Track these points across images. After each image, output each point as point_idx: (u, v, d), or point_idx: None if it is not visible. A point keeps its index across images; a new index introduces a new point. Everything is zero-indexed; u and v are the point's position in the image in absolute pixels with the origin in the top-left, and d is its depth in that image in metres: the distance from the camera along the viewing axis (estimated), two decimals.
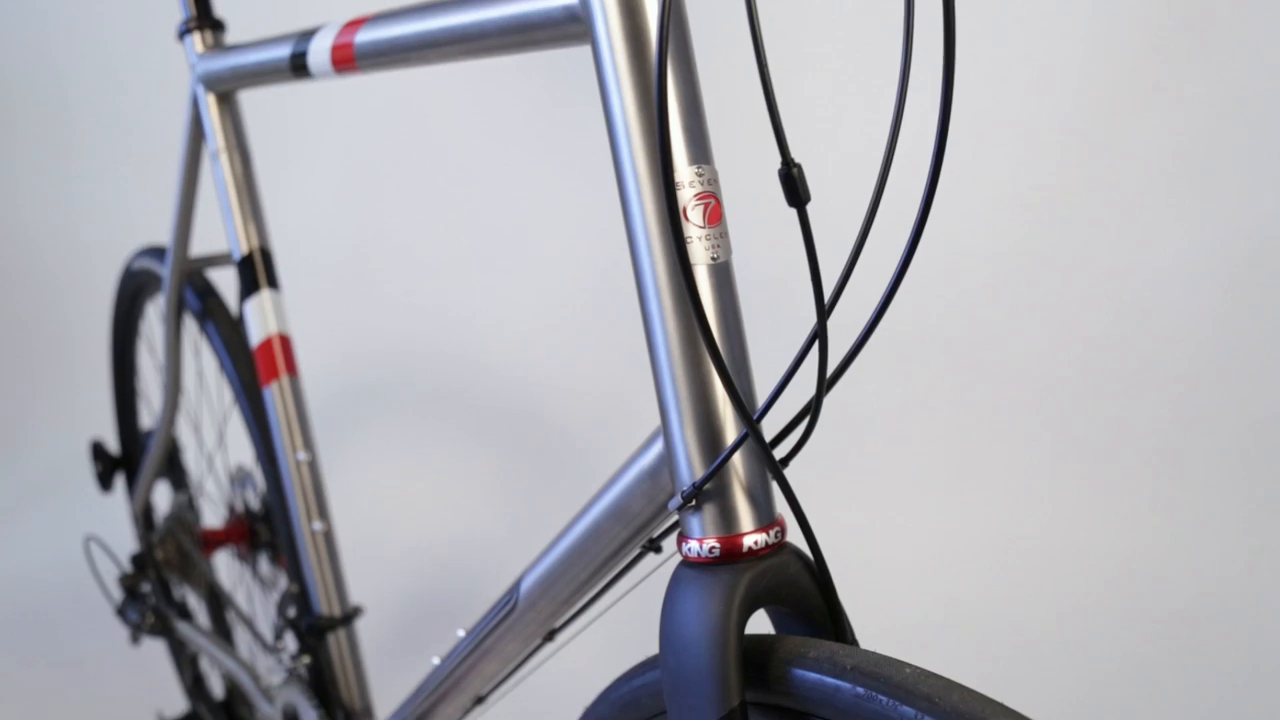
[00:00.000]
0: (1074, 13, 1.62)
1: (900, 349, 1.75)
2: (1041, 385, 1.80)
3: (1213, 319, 1.70)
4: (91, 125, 2.23)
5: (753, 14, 0.50)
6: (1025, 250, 1.75)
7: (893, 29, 0.55)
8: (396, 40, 0.79)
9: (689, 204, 0.57)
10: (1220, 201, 1.66)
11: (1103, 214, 1.70)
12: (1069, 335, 1.77)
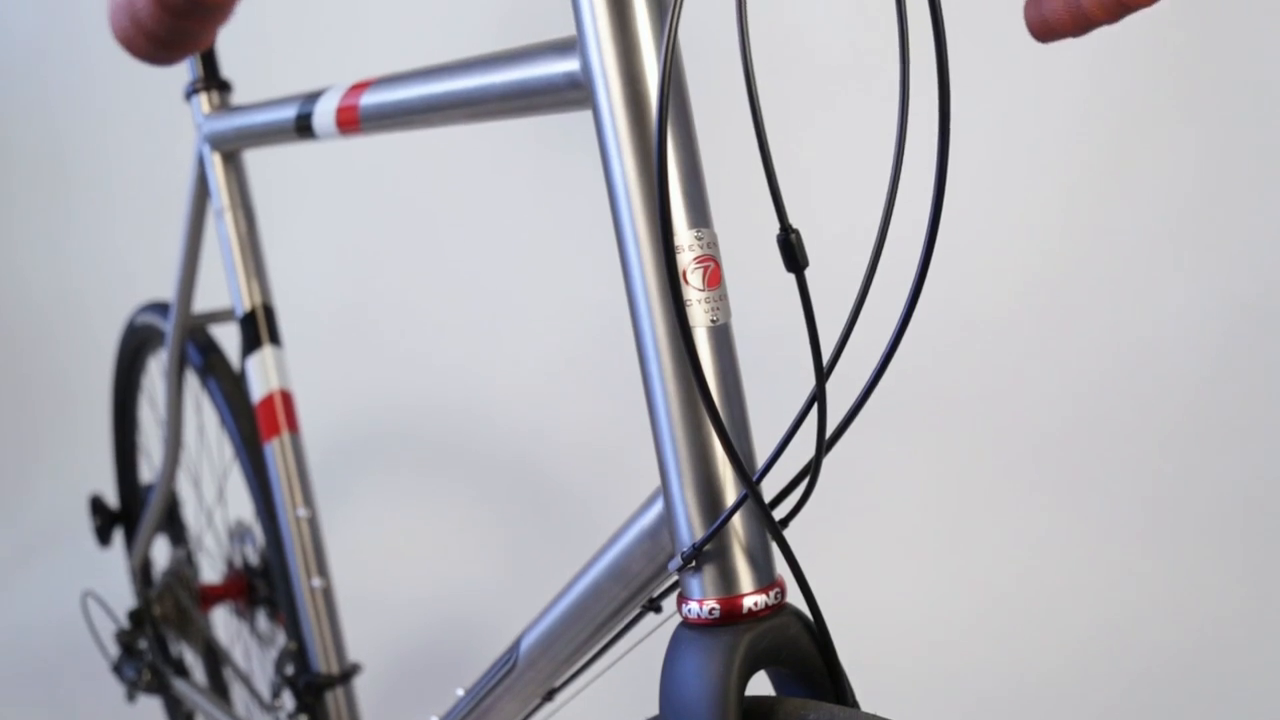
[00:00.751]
0: (1075, 69, 1.65)
1: (900, 403, 1.75)
2: (1040, 439, 1.80)
3: (1210, 371, 1.71)
4: (91, 181, 2.25)
5: (750, 81, 0.51)
6: (1023, 306, 1.76)
7: (891, 92, 0.56)
8: (401, 104, 0.80)
9: (689, 267, 0.58)
10: (1219, 254, 1.67)
11: (1100, 268, 1.72)
12: (1068, 390, 1.77)
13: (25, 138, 2.30)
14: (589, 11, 0.59)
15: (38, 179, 2.32)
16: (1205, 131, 1.64)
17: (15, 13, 2.25)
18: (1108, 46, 0.73)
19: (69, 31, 2.18)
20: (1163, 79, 1.63)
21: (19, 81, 2.27)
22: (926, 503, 1.87)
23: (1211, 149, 1.65)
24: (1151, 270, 1.69)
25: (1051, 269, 1.74)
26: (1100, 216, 1.70)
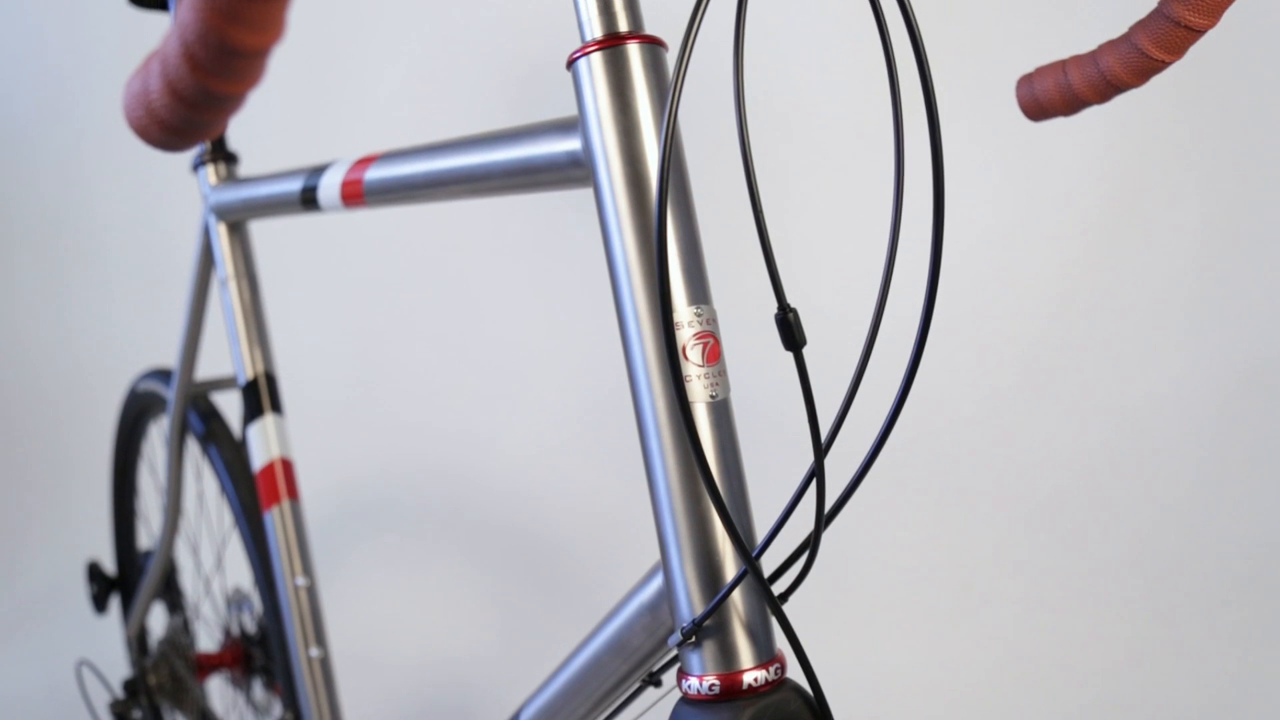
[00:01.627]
0: (1073, 139, 1.67)
1: (899, 474, 1.75)
2: (1039, 509, 1.80)
3: (1209, 441, 1.71)
4: (92, 247, 2.27)
5: (748, 162, 0.52)
6: (1022, 376, 1.77)
7: (887, 170, 0.57)
8: (405, 179, 0.82)
9: (688, 343, 0.59)
10: (1218, 324, 1.68)
11: (1099, 338, 1.72)
12: (1066, 460, 1.77)
13: (26, 202, 2.32)
14: (590, 92, 0.61)
15: (38, 244, 2.34)
16: (1205, 202, 1.66)
17: (15, 81, 2.28)
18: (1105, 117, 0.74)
19: (70, 98, 2.22)
20: (1163, 148, 1.65)
21: (20, 145, 2.30)
22: (926, 574, 1.86)
23: (1211, 219, 1.66)
24: (1150, 340, 1.70)
25: (1051, 338, 1.75)
26: (1099, 287, 1.71)
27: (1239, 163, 1.64)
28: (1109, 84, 0.69)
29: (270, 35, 0.35)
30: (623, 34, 0.61)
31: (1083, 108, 0.72)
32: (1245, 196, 1.65)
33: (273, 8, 0.34)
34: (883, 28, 0.54)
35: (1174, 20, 0.64)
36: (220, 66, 0.36)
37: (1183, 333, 1.70)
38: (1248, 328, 1.68)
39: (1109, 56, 0.68)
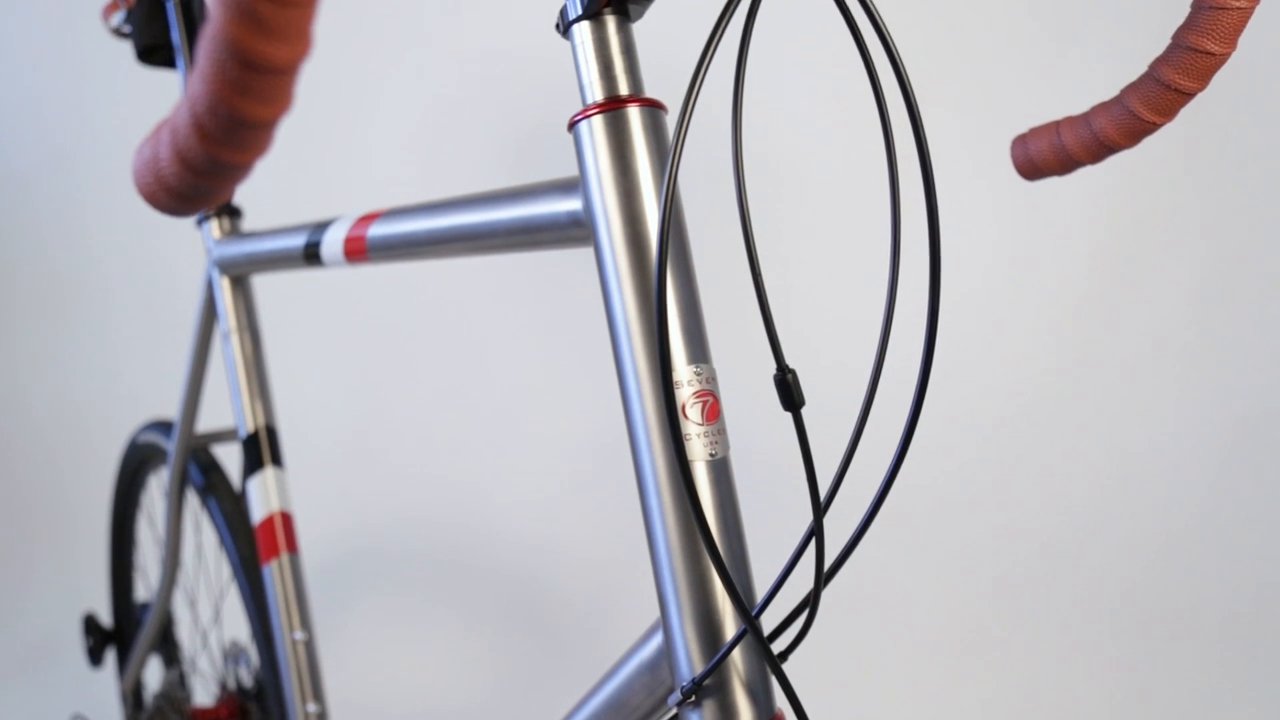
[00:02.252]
0: (1071, 190, 1.68)
1: (897, 528, 1.75)
2: (1038, 561, 1.79)
3: (1209, 492, 1.71)
4: (94, 299, 2.28)
5: (746, 224, 0.53)
6: (1021, 429, 1.77)
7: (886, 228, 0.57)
8: (407, 236, 0.82)
9: (688, 401, 0.59)
10: (1217, 376, 1.69)
11: (1099, 391, 1.73)
12: (1067, 512, 1.77)
13: (29, 252, 2.34)
14: (591, 154, 0.62)
15: (41, 295, 2.35)
16: (1204, 250, 1.67)
17: (19, 132, 2.31)
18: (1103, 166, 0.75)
19: (74, 149, 2.24)
20: (1161, 198, 1.67)
21: (24, 196, 2.32)
22: (927, 628, 1.85)
23: (1210, 269, 1.67)
24: (1150, 390, 1.71)
25: (1049, 389, 1.75)
26: (1097, 337, 1.72)
27: (1238, 213, 1.65)
28: (1102, 145, 0.70)
29: (279, 107, 0.36)
30: (623, 97, 0.62)
31: (1076, 168, 0.73)
32: (1244, 246, 1.66)
33: (281, 81, 0.35)
34: (877, 89, 0.55)
35: (1164, 84, 0.65)
36: (229, 137, 0.37)
37: (1182, 382, 1.70)
38: (1247, 377, 1.68)
39: (1101, 118, 0.69)
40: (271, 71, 0.34)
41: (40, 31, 2.25)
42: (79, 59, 2.20)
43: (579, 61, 0.63)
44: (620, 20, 0.63)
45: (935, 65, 1.63)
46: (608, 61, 0.62)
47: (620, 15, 0.63)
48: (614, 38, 0.63)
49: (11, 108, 2.30)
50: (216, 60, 0.34)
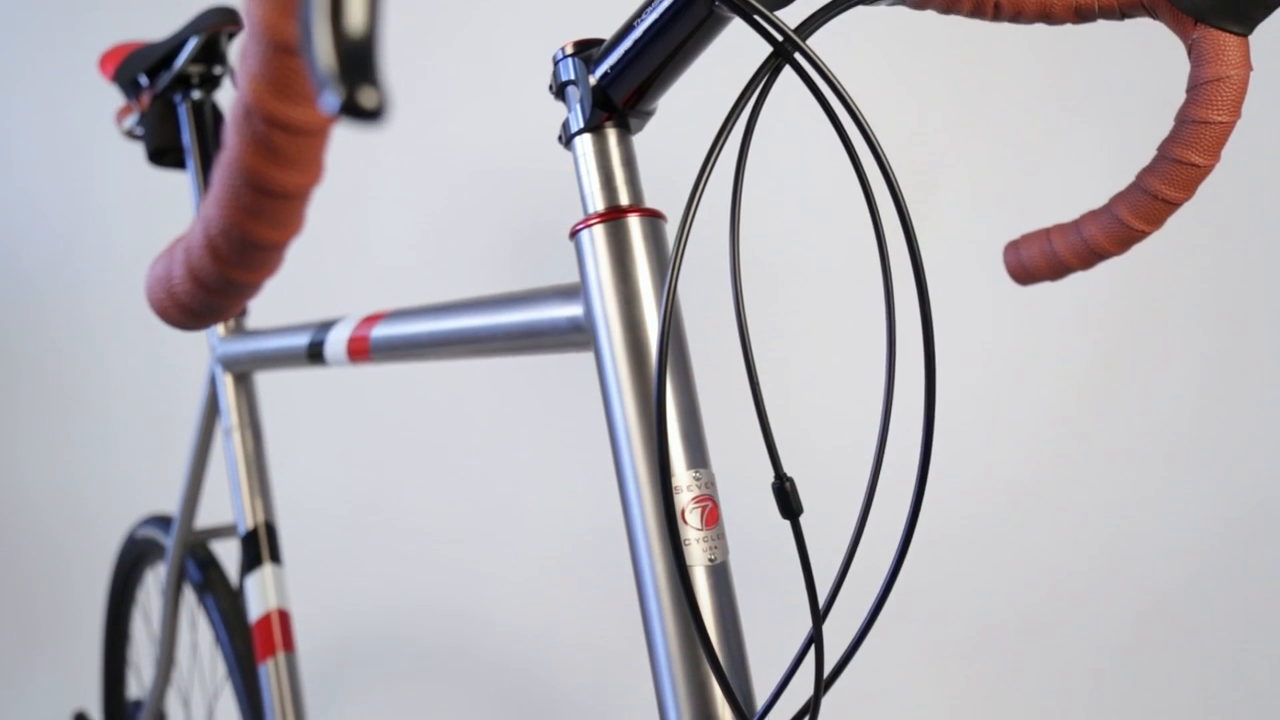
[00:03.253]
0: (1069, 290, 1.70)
1: (897, 626, 1.74)
2: (1040, 662, 1.77)
3: (1207, 583, 1.70)
4: (96, 394, 2.29)
5: (744, 335, 0.54)
6: (1020, 525, 1.76)
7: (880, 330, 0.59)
8: (410, 338, 0.84)
9: (687, 506, 0.60)
10: (1215, 469, 1.69)
11: (1095, 483, 1.73)
12: (1064, 609, 1.76)
13: (31, 347, 2.35)
14: (592, 262, 0.63)
15: (42, 389, 2.36)
16: (1202, 345, 1.69)
17: (21, 230, 2.34)
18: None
19: (74, 248, 2.27)
20: (1161, 292, 1.68)
21: (26, 291, 2.34)
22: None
23: (1208, 364, 1.69)
24: (1149, 486, 1.71)
25: (1048, 488, 1.75)
26: (1097, 432, 1.72)
27: (1237, 308, 1.67)
28: (1092, 252, 0.71)
29: (290, 230, 0.37)
30: (624, 207, 0.63)
31: (1068, 273, 0.74)
32: (1243, 341, 1.67)
33: (293, 205, 0.36)
34: (869, 196, 0.57)
35: (1151, 193, 0.67)
36: (241, 258, 0.38)
37: (1181, 474, 1.70)
38: (1248, 472, 1.69)
39: (1091, 226, 0.71)
40: (284, 197, 0.36)
41: (43, 131, 2.29)
42: (81, 158, 2.24)
43: (581, 172, 0.65)
44: (621, 133, 0.65)
45: (929, 167, 1.66)
46: (609, 173, 0.64)
47: (621, 128, 0.65)
48: (615, 150, 0.64)
49: (14, 206, 2.34)
50: (231, 186, 0.36)
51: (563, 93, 0.66)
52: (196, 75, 1.20)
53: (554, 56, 0.66)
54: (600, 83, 0.63)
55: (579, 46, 0.65)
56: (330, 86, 0.25)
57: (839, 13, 0.57)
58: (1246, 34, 0.62)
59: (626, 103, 0.63)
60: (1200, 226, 1.57)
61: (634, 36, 0.60)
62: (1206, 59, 0.63)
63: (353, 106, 0.25)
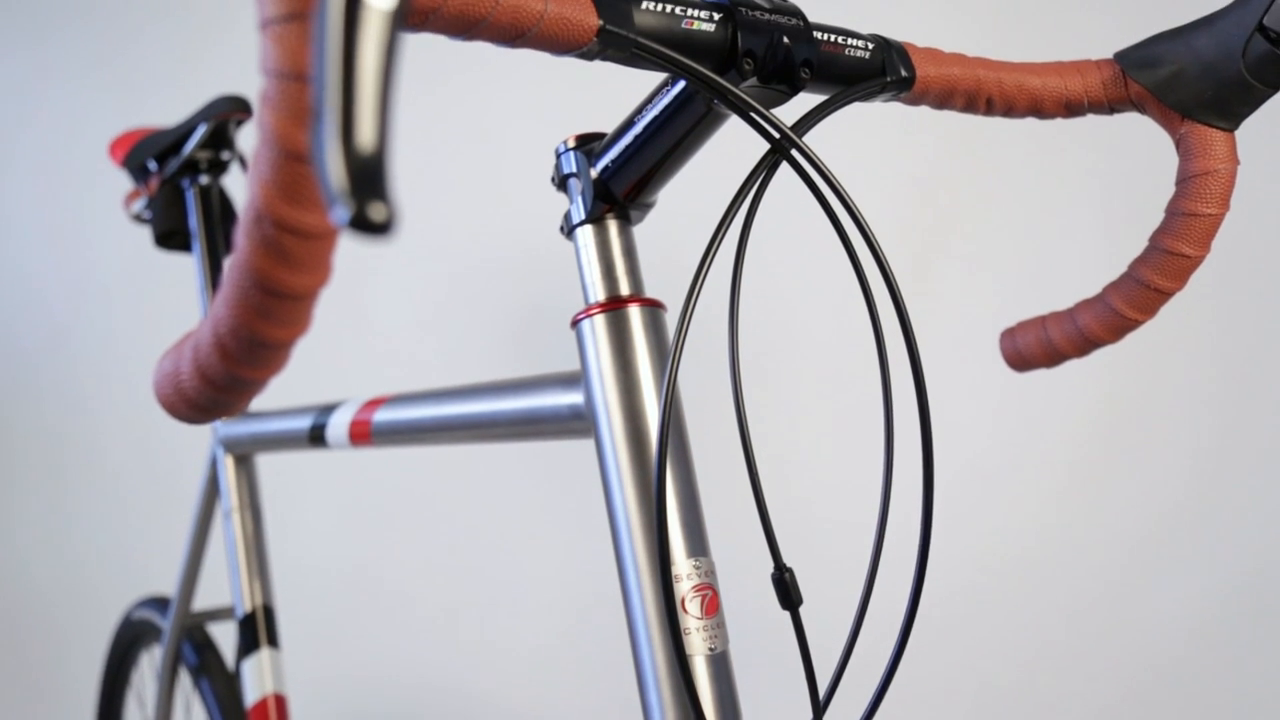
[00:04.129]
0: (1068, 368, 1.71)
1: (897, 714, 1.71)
2: None
3: (1207, 672, 1.68)
4: (94, 476, 2.29)
5: (743, 425, 0.55)
6: (1020, 608, 1.75)
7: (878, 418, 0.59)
8: (412, 422, 0.84)
9: (687, 595, 0.60)
10: (1212, 556, 1.68)
11: (1095, 567, 1.72)
12: (1065, 689, 1.74)
13: (29, 425, 2.36)
14: (593, 351, 0.64)
15: (40, 468, 2.36)
16: (1202, 422, 1.69)
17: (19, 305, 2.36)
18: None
19: (73, 329, 2.28)
20: (1158, 369, 1.69)
21: (24, 368, 2.35)
22: None
23: (1208, 441, 1.69)
24: (1148, 564, 1.70)
25: (1047, 570, 1.74)
26: (1096, 510, 1.72)
27: (1235, 385, 1.67)
28: (1087, 340, 0.72)
29: (298, 330, 0.38)
30: (624, 297, 0.64)
31: (1063, 361, 0.75)
32: (1242, 419, 1.67)
33: (302, 306, 0.37)
34: (866, 289, 0.57)
35: (1143, 283, 0.68)
36: (249, 356, 0.38)
37: (1176, 553, 1.70)
38: (1241, 550, 1.68)
39: (1085, 314, 0.72)
40: (293, 298, 0.36)
41: (42, 212, 2.33)
42: (81, 240, 2.27)
43: (582, 262, 0.66)
44: (622, 224, 0.66)
45: (925, 253, 1.68)
46: (609, 263, 0.65)
47: (622, 220, 0.66)
48: (616, 241, 0.66)
49: (13, 286, 2.36)
50: (241, 287, 0.37)
51: (565, 184, 0.67)
52: (205, 160, 1.22)
53: (556, 149, 0.68)
54: (601, 176, 0.64)
55: (581, 140, 0.66)
56: (340, 202, 0.26)
57: (835, 110, 0.59)
58: (1232, 130, 0.64)
59: (627, 195, 0.65)
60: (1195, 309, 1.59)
61: (635, 132, 0.62)
62: (1194, 153, 0.64)
63: (362, 221, 0.26)
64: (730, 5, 0.55)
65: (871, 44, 0.61)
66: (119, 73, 2.23)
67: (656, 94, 0.61)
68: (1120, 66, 0.66)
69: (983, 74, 0.65)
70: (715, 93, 0.54)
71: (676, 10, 0.52)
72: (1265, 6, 0.60)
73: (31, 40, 2.34)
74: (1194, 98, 0.63)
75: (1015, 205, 1.68)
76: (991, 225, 1.68)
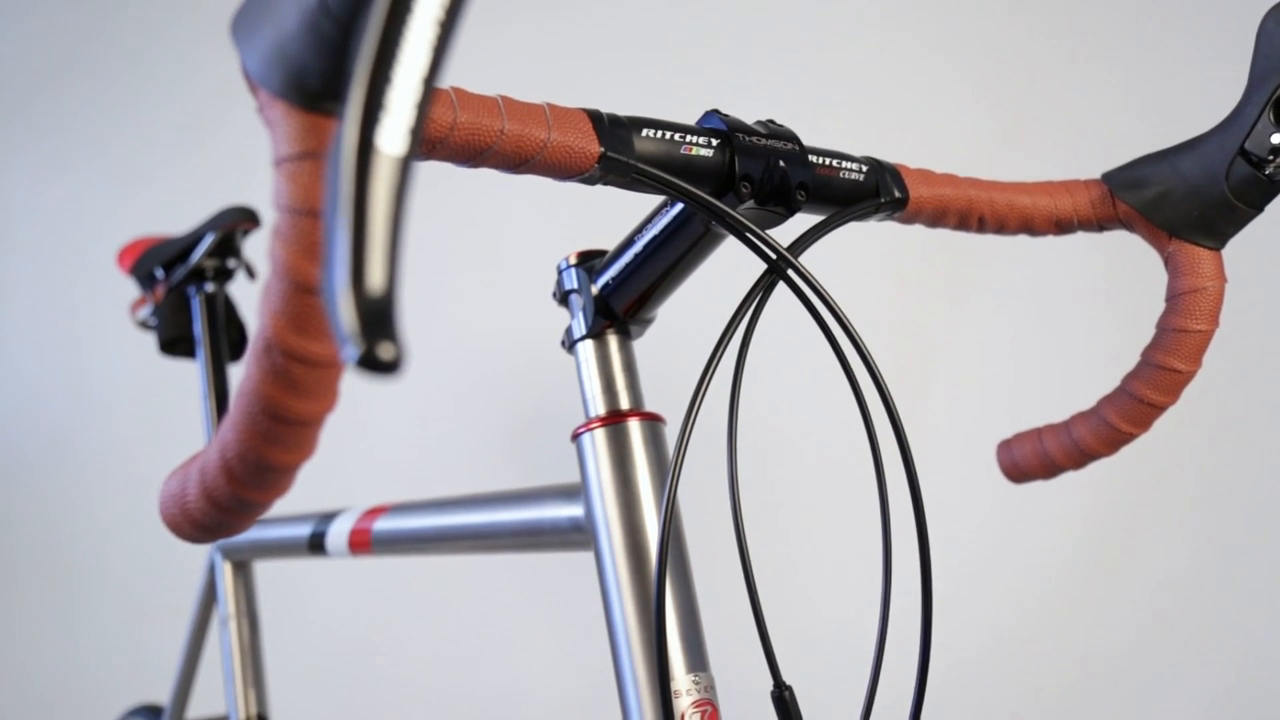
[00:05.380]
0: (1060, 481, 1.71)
1: None
2: None
3: None
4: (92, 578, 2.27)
5: (742, 545, 0.55)
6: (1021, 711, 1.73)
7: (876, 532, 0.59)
8: (412, 532, 0.84)
9: (687, 710, 0.59)
10: (1216, 660, 1.66)
11: (1095, 676, 1.70)
12: None
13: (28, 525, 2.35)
14: (594, 465, 0.64)
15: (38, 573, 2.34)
16: (1199, 532, 1.68)
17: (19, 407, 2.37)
18: None
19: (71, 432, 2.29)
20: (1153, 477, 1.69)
21: (22, 478, 2.35)
22: None
23: (1205, 555, 1.68)
24: (1150, 671, 1.68)
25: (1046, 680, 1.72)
26: (1091, 621, 1.70)
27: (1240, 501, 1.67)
28: (1083, 453, 0.73)
29: (303, 454, 0.39)
30: (624, 411, 0.65)
31: (1060, 473, 0.76)
32: (1239, 528, 1.67)
33: (308, 431, 0.38)
34: (863, 407, 0.58)
35: (1136, 397, 0.69)
36: (256, 480, 0.39)
37: (1180, 666, 1.68)
38: (1248, 661, 1.66)
39: (1081, 427, 0.73)
40: (300, 424, 0.37)
41: (43, 320, 2.35)
42: (81, 347, 2.28)
43: (583, 377, 0.67)
44: (622, 340, 0.67)
45: (921, 366, 1.70)
46: (610, 378, 0.66)
47: (622, 335, 0.67)
48: (616, 356, 0.67)
49: (14, 393, 2.38)
50: (249, 413, 0.37)
51: (566, 300, 0.69)
52: (211, 269, 1.24)
53: (558, 265, 0.69)
54: (602, 292, 0.66)
55: (582, 257, 0.68)
56: (350, 341, 0.27)
57: (830, 230, 0.60)
58: (1219, 248, 0.65)
59: (627, 311, 0.66)
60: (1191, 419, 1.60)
61: (635, 250, 0.63)
62: (1183, 271, 0.66)
63: (371, 360, 0.27)
64: (727, 131, 0.56)
65: (865, 166, 0.63)
66: (125, 181, 2.27)
67: (656, 214, 0.63)
68: (1108, 187, 0.68)
69: (974, 194, 0.67)
70: (713, 215, 0.56)
71: (676, 137, 0.54)
72: (1246, 131, 0.62)
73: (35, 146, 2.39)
74: (1181, 218, 0.65)
75: (1009, 317, 1.69)
76: (986, 337, 1.70)
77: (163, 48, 2.25)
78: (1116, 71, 1.69)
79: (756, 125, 0.59)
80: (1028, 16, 1.73)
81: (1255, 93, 0.62)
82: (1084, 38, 1.71)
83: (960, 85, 1.73)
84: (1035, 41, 1.72)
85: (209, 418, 1.22)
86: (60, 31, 2.37)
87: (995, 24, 1.74)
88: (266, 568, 1.31)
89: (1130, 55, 1.69)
